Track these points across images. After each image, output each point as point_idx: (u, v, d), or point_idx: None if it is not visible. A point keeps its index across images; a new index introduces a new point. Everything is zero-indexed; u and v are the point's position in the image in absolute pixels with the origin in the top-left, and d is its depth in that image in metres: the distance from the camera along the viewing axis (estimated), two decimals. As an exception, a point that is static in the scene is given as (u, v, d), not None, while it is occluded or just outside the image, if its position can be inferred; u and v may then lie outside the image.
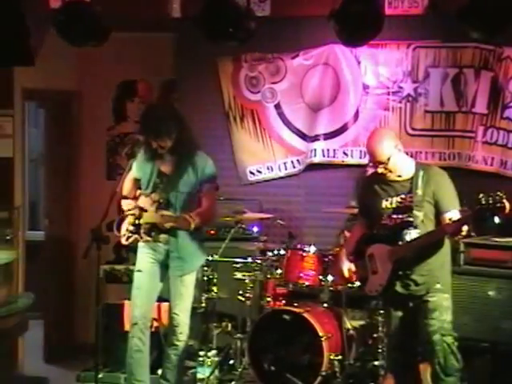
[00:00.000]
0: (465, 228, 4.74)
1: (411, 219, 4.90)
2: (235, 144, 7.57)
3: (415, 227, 4.89)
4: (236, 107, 7.52)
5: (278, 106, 7.39)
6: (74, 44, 6.18)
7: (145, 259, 5.37)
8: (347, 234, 6.18)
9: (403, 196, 4.97)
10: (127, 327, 5.51)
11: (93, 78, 7.59)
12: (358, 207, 5.54)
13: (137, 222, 5.19)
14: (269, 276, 6.31)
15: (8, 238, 6.57)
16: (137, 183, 5.43)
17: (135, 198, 5.44)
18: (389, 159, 4.94)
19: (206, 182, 5.26)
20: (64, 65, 7.41)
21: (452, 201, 4.91)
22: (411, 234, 4.89)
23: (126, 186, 5.44)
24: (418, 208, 4.91)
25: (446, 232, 4.81)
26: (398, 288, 4.96)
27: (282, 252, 6.33)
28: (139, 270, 5.37)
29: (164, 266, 5.35)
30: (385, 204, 5.04)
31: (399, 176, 5.01)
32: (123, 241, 5.27)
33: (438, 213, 4.92)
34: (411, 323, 4.95)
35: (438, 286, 4.95)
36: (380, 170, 4.98)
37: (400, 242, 4.92)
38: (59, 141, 7.67)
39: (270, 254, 6.42)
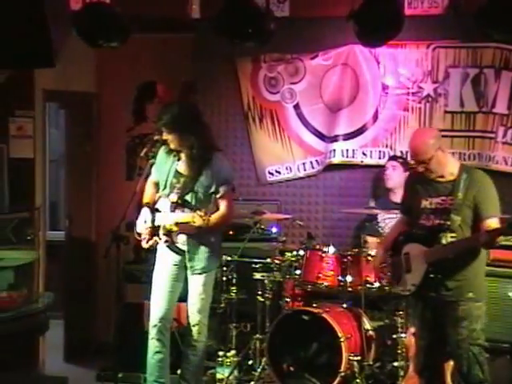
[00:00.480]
0: (500, 238, 4.66)
1: (448, 222, 4.84)
2: (254, 144, 7.52)
3: (452, 231, 4.83)
4: (255, 108, 7.47)
5: (296, 107, 7.34)
6: (94, 46, 6.22)
7: (164, 260, 5.35)
8: (368, 238, 6.24)
9: (443, 198, 4.92)
10: (147, 327, 5.50)
11: (112, 79, 7.58)
12: (400, 203, 5.50)
13: (156, 223, 5.21)
14: (288, 276, 6.28)
15: (29, 238, 6.59)
16: (157, 187, 5.46)
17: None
18: (430, 159, 4.88)
19: (222, 184, 5.23)
20: (84, 66, 7.46)
21: (492, 207, 4.80)
22: (447, 238, 4.82)
23: (148, 191, 5.46)
24: (456, 212, 4.83)
25: (479, 242, 4.68)
26: (430, 290, 4.92)
27: (301, 252, 6.28)
28: (159, 271, 5.37)
29: (183, 267, 5.33)
30: (424, 204, 4.99)
31: (441, 177, 4.96)
32: (143, 244, 5.28)
33: (477, 218, 4.82)
34: (440, 327, 4.90)
35: (471, 294, 4.87)
36: (420, 168, 4.93)
37: (436, 245, 4.86)
38: (79, 141, 7.70)
39: (288, 254, 6.38)
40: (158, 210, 5.22)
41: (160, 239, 5.19)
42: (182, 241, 5.24)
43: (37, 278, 6.68)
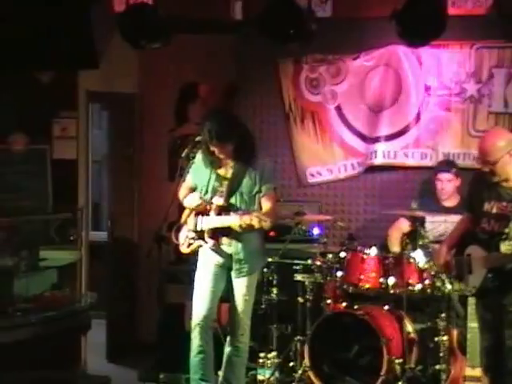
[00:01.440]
0: None
1: (506, 230, 4.77)
2: (295, 145, 7.50)
3: (510, 239, 4.76)
4: (296, 109, 7.45)
5: (338, 108, 7.32)
6: (137, 47, 6.27)
7: (207, 261, 5.35)
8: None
9: (505, 203, 4.83)
10: (188, 328, 5.48)
11: (154, 80, 7.60)
12: (464, 200, 5.47)
13: (199, 228, 5.21)
14: (329, 278, 6.24)
15: (72, 238, 6.67)
16: (193, 191, 5.45)
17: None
18: (497, 161, 4.79)
19: (265, 183, 5.21)
20: (127, 67, 7.45)
21: None
22: (505, 246, 4.75)
23: (183, 193, 5.48)
24: None
25: None
26: (488, 294, 4.88)
27: (343, 254, 6.25)
28: (202, 272, 5.36)
29: (226, 268, 5.33)
30: (486, 207, 4.91)
31: (505, 181, 4.86)
32: (183, 249, 5.31)
33: None
34: (502, 330, 4.85)
35: None
36: (486, 168, 4.87)
37: (495, 251, 4.79)
38: (122, 142, 7.71)
39: (330, 256, 6.34)
40: (204, 214, 5.26)
41: (206, 242, 5.22)
42: (226, 243, 5.24)
43: (79, 278, 6.75)
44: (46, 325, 6.04)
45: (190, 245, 5.29)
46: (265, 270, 6.26)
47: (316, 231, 6.89)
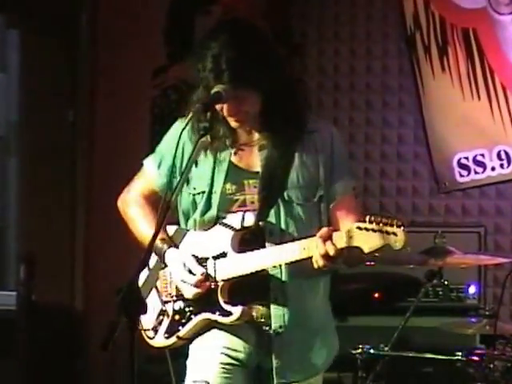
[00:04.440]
0: None
1: None
2: (429, 106, 5.30)
3: None
4: (431, 26, 5.30)
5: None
6: None
7: (212, 353, 3.41)
8: None
9: None
10: None
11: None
12: None
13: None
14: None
15: None
16: (156, 199, 3.76)
17: None
18: None
19: (340, 177, 3.44)
20: None
21: None
22: None
23: (130, 201, 3.78)
24: None
25: None
26: None
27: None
28: (198, 374, 3.34)
29: (253, 368, 3.43)
30: None
31: None
32: (158, 340, 3.49)
33: None
34: None
35: None
36: None
37: None
38: (52, 101, 5.65)
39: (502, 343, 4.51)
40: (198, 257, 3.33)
41: (225, 315, 3.34)
42: (261, 313, 3.37)
43: None
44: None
45: (172, 331, 3.37)
46: (360, 373, 4.58)
47: (473, 290, 5.21)
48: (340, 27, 5.60)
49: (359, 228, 3.07)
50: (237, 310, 3.24)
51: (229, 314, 3.25)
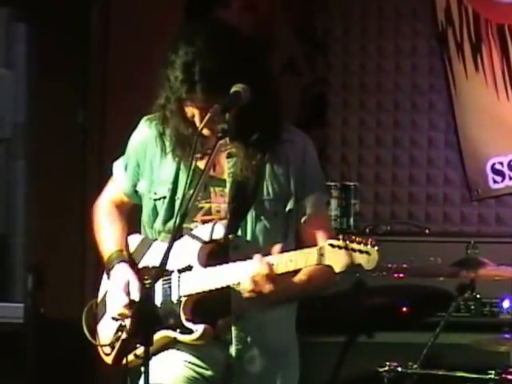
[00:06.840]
0: None
1: None
2: (461, 109, 5.25)
3: None
4: (463, 21, 5.27)
5: None
6: None
7: (175, 371, 3.35)
8: None
9: None
10: None
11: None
12: None
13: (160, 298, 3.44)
14: None
15: None
16: (123, 204, 3.75)
17: None
18: None
19: (312, 188, 3.45)
20: None
21: None
22: None
23: (111, 229, 3.73)
24: None
25: None
26: None
27: None
28: None
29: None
30: None
31: None
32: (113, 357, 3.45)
33: None
34: None
35: None
36: None
37: None
38: (62, 101, 5.61)
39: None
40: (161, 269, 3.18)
41: (186, 332, 3.30)
42: (225, 331, 3.39)
43: None
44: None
45: (130, 349, 3.29)
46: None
47: (507, 304, 5.12)
48: (366, 23, 5.51)
49: (332, 245, 3.05)
50: (198, 329, 3.18)
51: (190, 332, 3.19)
